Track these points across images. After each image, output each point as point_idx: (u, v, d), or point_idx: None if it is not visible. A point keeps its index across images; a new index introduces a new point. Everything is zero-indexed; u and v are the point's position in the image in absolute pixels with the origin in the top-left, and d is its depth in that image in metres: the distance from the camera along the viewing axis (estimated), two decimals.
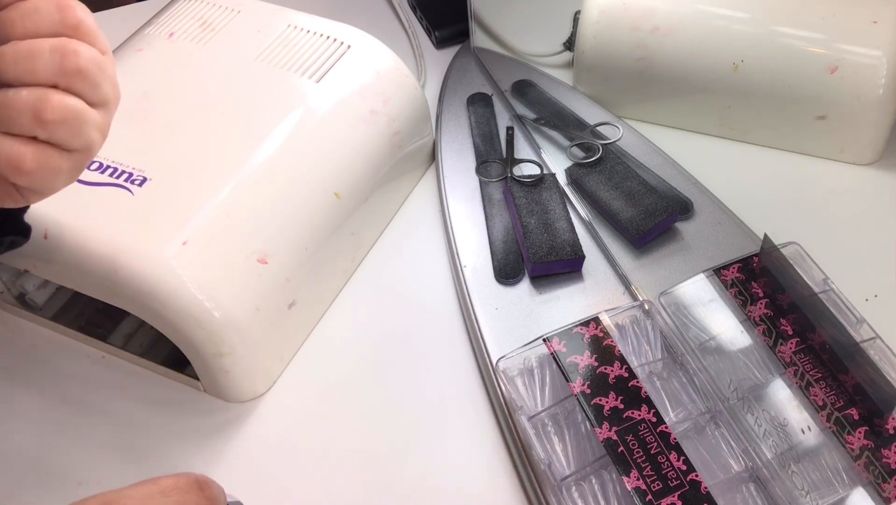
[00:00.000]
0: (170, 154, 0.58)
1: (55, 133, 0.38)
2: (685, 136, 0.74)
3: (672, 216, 0.64)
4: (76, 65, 0.38)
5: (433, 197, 0.71)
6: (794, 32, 0.67)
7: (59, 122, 0.38)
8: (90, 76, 0.39)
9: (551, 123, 0.73)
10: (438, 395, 0.59)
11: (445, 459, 0.55)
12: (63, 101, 0.38)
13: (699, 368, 0.55)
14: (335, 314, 0.63)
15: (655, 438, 0.50)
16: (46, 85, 0.38)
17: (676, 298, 0.58)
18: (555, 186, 0.67)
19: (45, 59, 0.38)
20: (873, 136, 0.69)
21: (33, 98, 0.38)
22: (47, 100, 0.38)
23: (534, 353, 0.56)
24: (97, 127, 0.40)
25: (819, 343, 0.54)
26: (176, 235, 0.54)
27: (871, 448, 0.50)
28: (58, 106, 0.38)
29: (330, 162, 0.61)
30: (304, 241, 0.59)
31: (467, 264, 0.63)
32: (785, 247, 0.58)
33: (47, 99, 0.38)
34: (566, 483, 0.50)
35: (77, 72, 0.38)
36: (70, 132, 0.39)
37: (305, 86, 0.64)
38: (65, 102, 0.38)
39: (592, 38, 0.72)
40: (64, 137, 0.39)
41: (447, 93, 0.77)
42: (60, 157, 0.39)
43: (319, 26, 0.68)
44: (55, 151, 0.39)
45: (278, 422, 0.58)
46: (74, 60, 0.38)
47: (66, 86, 0.38)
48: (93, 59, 0.39)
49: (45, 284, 0.63)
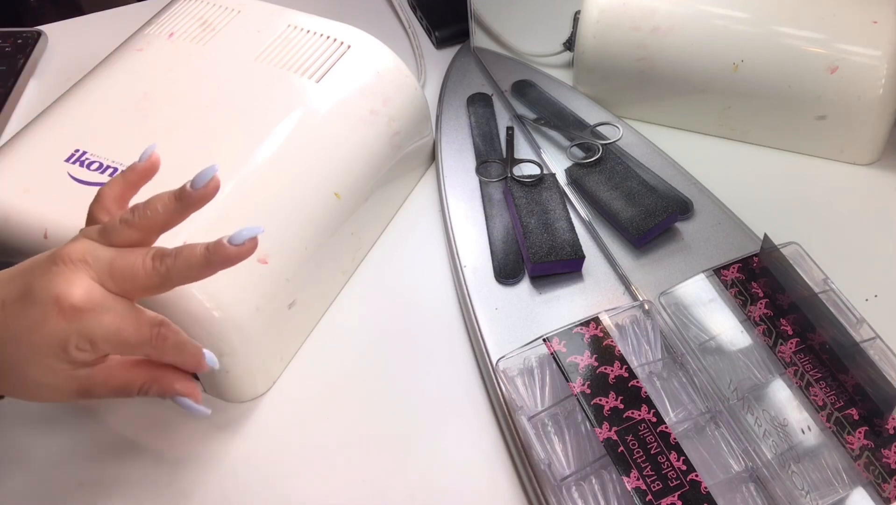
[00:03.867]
0: (170, 154, 0.58)
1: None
2: (685, 136, 0.74)
3: (672, 216, 0.64)
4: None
5: (433, 197, 0.71)
6: (794, 32, 0.67)
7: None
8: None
9: (551, 123, 0.73)
10: (438, 395, 0.59)
11: (445, 459, 0.55)
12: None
13: (699, 368, 0.55)
14: (335, 314, 0.63)
15: (655, 438, 0.50)
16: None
17: (676, 298, 0.58)
18: (555, 186, 0.67)
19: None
20: (873, 136, 0.69)
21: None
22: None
23: (534, 353, 0.56)
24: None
25: (819, 343, 0.54)
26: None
27: (871, 448, 0.50)
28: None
29: (330, 162, 0.61)
30: (304, 241, 0.59)
31: (467, 264, 0.63)
32: (785, 247, 0.58)
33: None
34: (566, 483, 0.50)
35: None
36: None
37: (305, 86, 0.64)
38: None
39: (592, 38, 0.72)
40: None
41: (447, 93, 0.77)
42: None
43: (319, 26, 0.68)
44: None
45: (278, 422, 0.58)
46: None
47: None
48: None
49: None
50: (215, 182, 0.44)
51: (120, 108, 0.61)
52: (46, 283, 0.41)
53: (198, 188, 0.44)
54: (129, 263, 0.43)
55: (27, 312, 0.41)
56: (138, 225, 0.44)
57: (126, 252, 0.43)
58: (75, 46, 0.87)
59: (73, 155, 0.58)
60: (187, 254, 0.43)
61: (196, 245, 0.43)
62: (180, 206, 0.44)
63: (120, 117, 0.61)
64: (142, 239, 0.44)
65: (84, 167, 0.57)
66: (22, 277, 0.42)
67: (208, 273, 0.43)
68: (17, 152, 0.59)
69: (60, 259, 0.42)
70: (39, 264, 0.42)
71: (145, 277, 0.43)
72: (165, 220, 0.44)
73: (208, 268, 0.43)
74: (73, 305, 0.41)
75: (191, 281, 0.44)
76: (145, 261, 0.43)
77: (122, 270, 0.42)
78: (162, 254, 0.43)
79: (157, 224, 0.44)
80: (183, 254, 0.43)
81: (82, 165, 0.57)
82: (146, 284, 0.43)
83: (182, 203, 0.44)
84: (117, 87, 0.63)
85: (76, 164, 0.57)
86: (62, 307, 0.41)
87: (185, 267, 0.43)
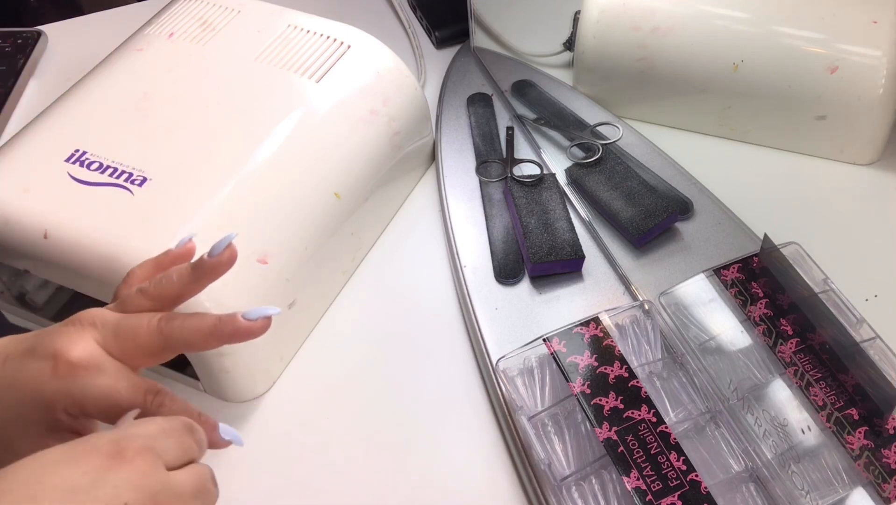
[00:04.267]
0: (170, 154, 0.58)
1: None
2: (685, 136, 0.74)
3: (672, 216, 0.64)
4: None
5: (433, 197, 0.71)
6: (794, 32, 0.67)
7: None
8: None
9: (551, 123, 0.73)
10: (438, 395, 0.59)
11: (445, 459, 0.55)
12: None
13: (699, 368, 0.55)
14: (335, 314, 0.63)
15: (655, 438, 0.50)
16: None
17: (676, 298, 0.58)
18: (555, 186, 0.67)
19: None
20: (873, 136, 0.69)
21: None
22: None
23: (534, 353, 0.56)
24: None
25: (819, 343, 0.54)
26: (176, 235, 0.54)
27: (871, 448, 0.50)
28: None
29: (330, 162, 0.61)
30: (304, 241, 0.59)
31: (467, 264, 0.63)
32: (785, 247, 0.58)
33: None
34: (566, 483, 0.50)
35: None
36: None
37: (305, 86, 0.64)
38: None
39: (592, 38, 0.72)
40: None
41: (447, 93, 0.77)
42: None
43: (319, 26, 0.68)
44: None
45: (278, 422, 0.58)
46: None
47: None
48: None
49: (45, 283, 0.63)
50: (232, 251, 0.44)
51: (120, 108, 0.61)
52: (51, 340, 0.41)
53: (213, 256, 0.43)
54: (134, 324, 0.42)
55: (24, 366, 0.40)
56: (153, 294, 0.43)
57: (134, 315, 0.43)
58: (75, 46, 0.87)
59: (73, 155, 0.58)
60: (196, 320, 0.42)
61: (207, 315, 0.42)
62: (196, 274, 0.44)
63: (120, 117, 0.61)
64: (155, 308, 0.44)
65: (84, 167, 0.57)
66: (31, 338, 0.42)
67: (214, 343, 0.42)
68: (17, 152, 0.59)
69: (71, 321, 0.42)
70: (52, 327, 0.42)
71: (147, 336, 0.42)
72: (180, 290, 0.44)
73: (214, 337, 0.42)
74: (69, 362, 0.40)
75: (194, 349, 0.43)
76: (150, 322, 0.42)
77: (127, 330, 0.42)
78: (169, 317, 0.42)
79: (171, 293, 0.44)
80: (191, 320, 0.42)
81: (82, 165, 0.57)
82: (148, 345, 0.42)
83: (198, 272, 0.44)
84: (117, 87, 0.63)
85: (76, 164, 0.57)
86: (58, 364, 0.40)
87: (190, 331, 0.42)
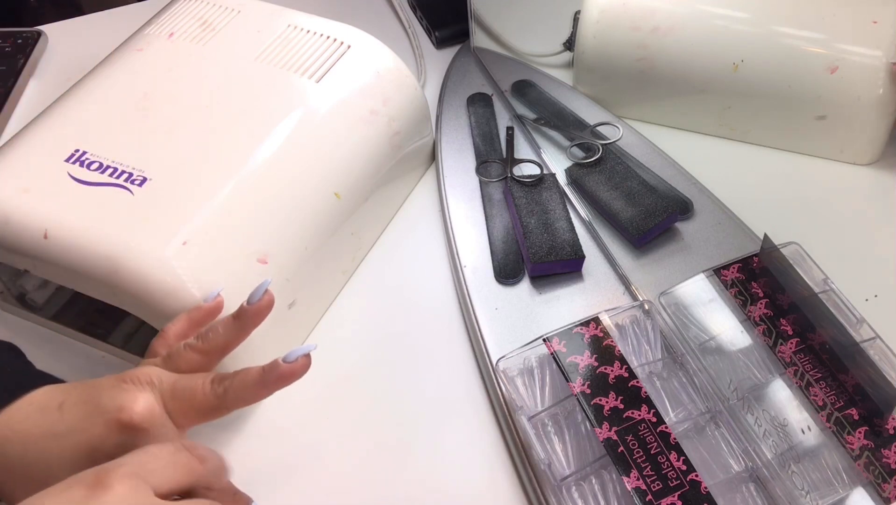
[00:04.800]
0: (170, 154, 0.58)
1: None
2: (685, 136, 0.74)
3: (672, 216, 0.64)
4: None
5: (433, 197, 0.71)
6: (794, 32, 0.67)
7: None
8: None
9: (551, 123, 0.73)
10: (438, 395, 0.59)
11: (445, 459, 0.55)
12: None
13: (699, 368, 0.55)
14: (335, 314, 0.63)
15: (655, 438, 0.50)
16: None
17: (676, 298, 0.58)
18: (555, 186, 0.67)
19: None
20: (873, 136, 0.69)
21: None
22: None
23: (534, 353, 0.56)
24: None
25: (819, 343, 0.54)
26: (176, 235, 0.54)
27: (871, 448, 0.50)
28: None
29: (330, 162, 0.61)
30: (304, 241, 0.59)
31: (467, 264, 0.63)
32: (785, 247, 0.58)
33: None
34: (566, 483, 0.50)
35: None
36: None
37: (305, 86, 0.64)
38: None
39: (592, 38, 0.72)
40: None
41: (447, 93, 0.77)
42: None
43: (319, 26, 0.68)
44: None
45: (278, 422, 0.58)
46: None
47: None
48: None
49: (45, 283, 0.63)
50: (269, 296, 0.47)
51: (120, 108, 0.61)
52: (114, 395, 0.43)
53: (253, 303, 0.47)
54: (189, 385, 0.45)
55: (87, 417, 0.43)
56: (201, 348, 0.47)
57: (188, 376, 0.45)
58: (75, 46, 0.87)
59: (73, 155, 0.58)
60: (243, 375, 0.45)
61: (252, 368, 0.45)
62: (239, 324, 0.47)
63: (120, 117, 0.61)
64: (205, 362, 0.47)
65: (84, 167, 0.57)
66: (87, 389, 0.44)
67: (264, 394, 0.45)
68: (17, 152, 0.59)
69: (129, 379, 0.44)
70: (108, 381, 0.45)
71: (203, 398, 0.44)
72: (226, 341, 0.47)
73: (263, 388, 0.45)
74: (132, 420, 0.42)
75: (246, 404, 0.45)
76: (204, 383, 0.45)
77: (184, 391, 0.44)
78: (221, 377, 0.45)
79: (218, 345, 0.47)
80: (239, 376, 0.45)
81: (82, 165, 0.57)
82: (204, 406, 0.45)
83: (241, 321, 0.47)
84: (117, 87, 0.63)
85: (76, 164, 0.57)
86: (122, 418, 0.42)
87: (241, 388, 0.44)
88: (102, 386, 0.44)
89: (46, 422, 0.43)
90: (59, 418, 0.43)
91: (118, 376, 0.45)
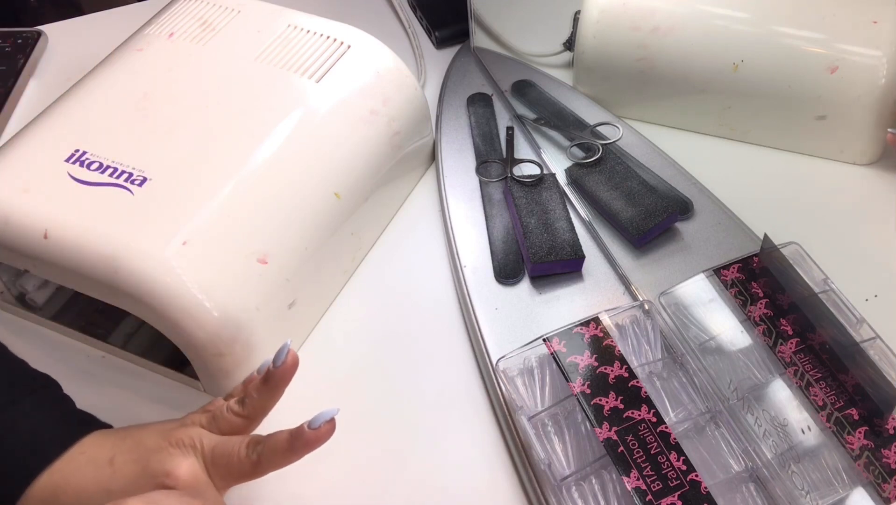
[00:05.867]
0: (170, 154, 0.58)
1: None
2: (685, 136, 0.74)
3: (672, 216, 0.64)
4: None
5: (433, 197, 0.71)
6: (794, 32, 0.67)
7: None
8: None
9: (551, 123, 0.73)
10: (438, 395, 0.59)
11: (445, 459, 0.55)
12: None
13: (699, 368, 0.55)
14: (335, 314, 0.63)
15: (655, 438, 0.50)
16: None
17: (676, 298, 0.58)
18: (555, 186, 0.67)
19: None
20: (873, 136, 0.69)
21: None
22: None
23: (534, 353, 0.56)
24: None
25: (819, 343, 0.54)
26: (176, 235, 0.54)
27: (871, 448, 0.50)
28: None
29: (330, 162, 0.61)
30: (304, 241, 0.59)
31: (467, 264, 0.63)
32: (785, 247, 0.58)
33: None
34: (566, 483, 0.50)
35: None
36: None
37: (305, 86, 0.64)
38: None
39: (592, 38, 0.72)
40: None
41: (447, 93, 0.77)
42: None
43: (319, 26, 0.68)
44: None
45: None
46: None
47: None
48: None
49: (45, 283, 0.63)
50: (293, 356, 0.49)
51: (120, 108, 0.62)
52: (162, 459, 0.46)
53: (279, 366, 0.49)
54: (227, 451, 0.47)
55: (136, 477, 0.46)
56: (242, 413, 0.49)
57: (226, 440, 0.48)
58: (75, 46, 0.87)
59: (73, 155, 0.58)
60: (274, 441, 0.46)
61: (282, 432, 0.47)
62: (270, 386, 0.49)
63: (120, 117, 0.61)
64: (246, 424, 0.49)
65: (84, 167, 0.57)
66: (136, 447, 0.48)
67: (293, 459, 0.47)
68: (17, 152, 0.59)
69: (175, 442, 0.47)
70: (154, 440, 0.48)
71: (239, 464, 0.46)
72: (263, 404, 0.49)
73: (293, 453, 0.46)
74: (178, 484, 0.45)
75: (278, 468, 0.47)
76: (240, 450, 0.47)
77: (221, 457, 0.47)
78: (255, 442, 0.47)
79: (256, 409, 0.49)
80: (270, 441, 0.47)
81: (82, 165, 0.57)
82: (241, 471, 0.47)
83: (270, 384, 0.49)
84: (117, 87, 0.63)
85: (76, 164, 0.57)
86: (168, 484, 0.45)
87: (272, 454, 0.46)
88: (150, 447, 0.47)
89: (100, 477, 0.46)
90: (112, 476, 0.46)
91: (165, 434, 0.48)
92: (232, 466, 0.47)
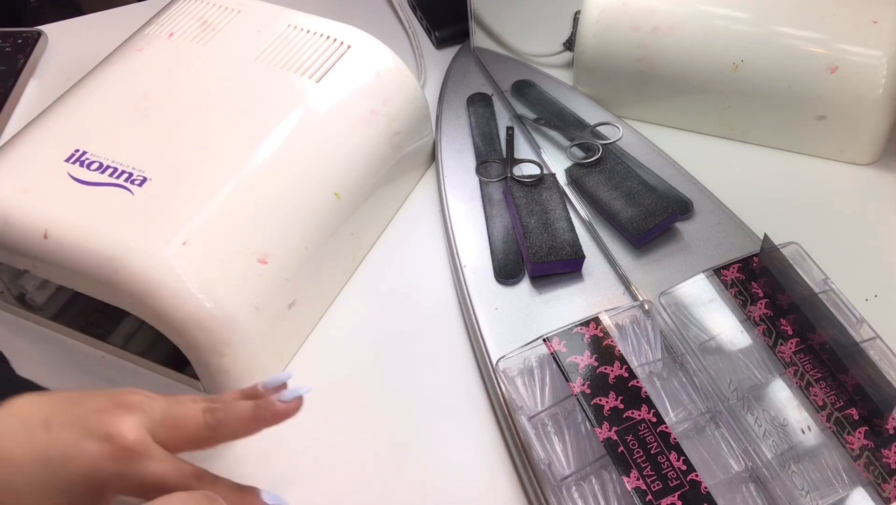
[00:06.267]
0: (170, 154, 0.58)
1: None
2: (685, 136, 0.74)
3: (672, 216, 0.64)
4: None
5: (433, 197, 0.71)
6: (794, 32, 0.67)
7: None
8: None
9: (551, 123, 0.73)
10: (438, 395, 0.59)
11: (445, 459, 0.55)
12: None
13: (699, 368, 0.55)
14: (335, 314, 0.63)
15: (655, 438, 0.50)
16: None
17: (676, 298, 0.58)
18: (555, 186, 0.67)
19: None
20: (873, 136, 0.69)
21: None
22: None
23: (534, 353, 0.56)
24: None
25: (819, 343, 0.54)
26: (176, 235, 0.54)
27: (871, 448, 0.50)
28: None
29: (330, 162, 0.61)
30: (304, 241, 0.59)
31: (467, 264, 0.63)
32: (785, 247, 0.58)
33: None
34: (566, 483, 0.50)
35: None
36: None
37: (305, 86, 0.64)
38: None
39: (592, 38, 0.72)
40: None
41: (447, 93, 0.77)
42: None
43: (319, 26, 0.68)
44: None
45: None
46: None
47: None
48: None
49: (45, 283, 0.63)
50: (300, 402, 0.45)
51: (120, 108, 0.62)
52: (103, 421, 0.41)
53: (285, 401, 0.45)
54: (181, 412, 0.43)
55: (78, 443, 0.41)
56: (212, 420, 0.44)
57: (179, 403, 0.44)
58: (75, 46, 0.87)
59: (73, 155, 0.58)
60: (236, 410, 0.44)
61: (245, 402, 0.44)
62: (258, 418, 0.45)
63: (120, 117, 0.61)
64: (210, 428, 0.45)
65: (84, 167, 0.57)
66: (73, 407, 0.42)
67: (255, 430, 0.44)
68: (17, 152, 0.59)
69: (118, 402, 0.43)
70: (94, 400, 0.43)
71: (195, 428, 0.43)
72: (238, 429, 0.45)
73: (255, 424, 0.44)
74: (125, 447, 0.41)
75: (236, 438, 0.44)
76: (195, 415, 0.43)
77: (172, 420, 0.43)
78: (213, 409, 0.44)
79: (230, 421, 0.45)
80: (232, 409, 0.44)
81: (82, 165, 0.57)
82: (194, 436, 0.43)
83: (260, 415, 0.45)
84: (117, 87, 0.63)
85: (76, 164, 0.57)
86: (114, 447, 0.41)
87: (233, 419, 0.43)
88: (91, 408, 0.42)
89: (34, 444, 0.41)
90: (48, 442, 0.41)
91: (111, 396, 0.43)
92: (186, 430, 0.43)
